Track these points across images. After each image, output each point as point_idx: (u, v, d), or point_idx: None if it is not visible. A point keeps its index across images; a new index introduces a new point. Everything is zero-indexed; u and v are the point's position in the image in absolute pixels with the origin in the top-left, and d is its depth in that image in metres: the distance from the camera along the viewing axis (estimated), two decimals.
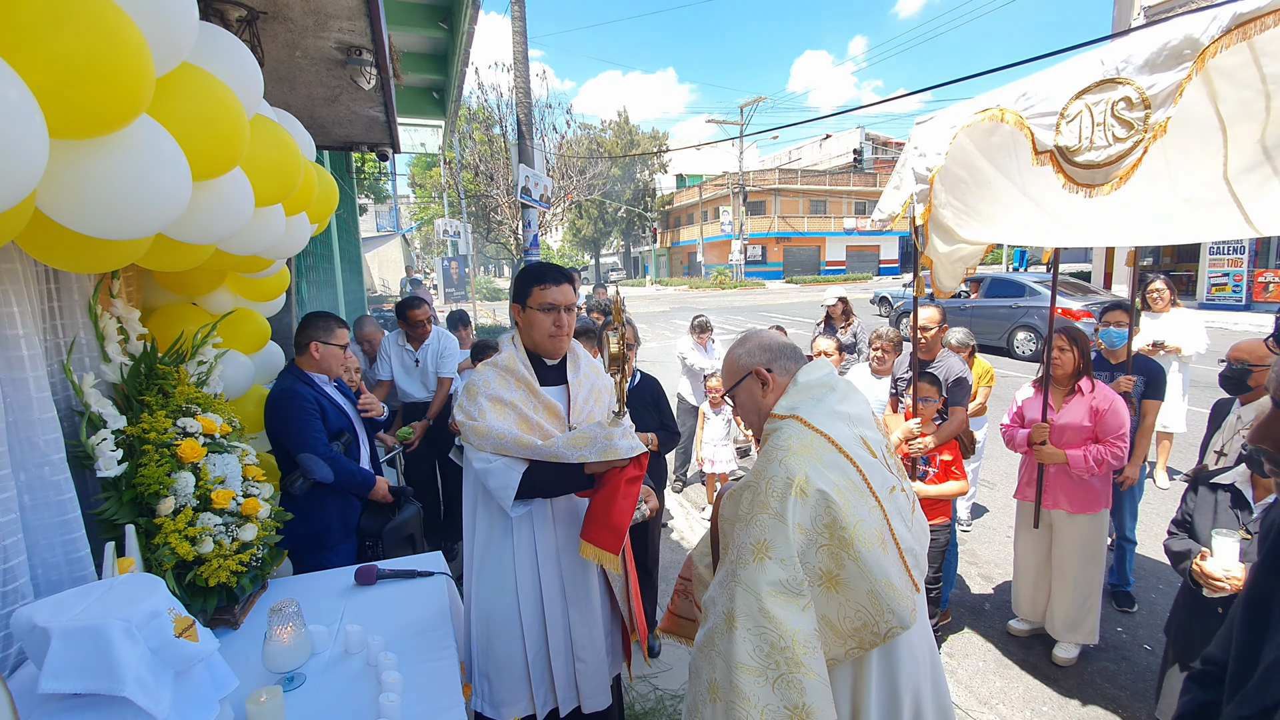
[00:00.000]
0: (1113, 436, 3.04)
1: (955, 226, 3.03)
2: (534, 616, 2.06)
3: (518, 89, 10.03)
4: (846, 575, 1.30)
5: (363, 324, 4.89)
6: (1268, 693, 0.84)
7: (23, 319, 1.53)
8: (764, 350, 1.62)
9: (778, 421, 1.48)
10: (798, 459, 1.35)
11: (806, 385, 1.54)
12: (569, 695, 2.11)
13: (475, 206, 20.28)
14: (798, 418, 1.45)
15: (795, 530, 1.29)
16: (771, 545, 1.29)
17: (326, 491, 2.64)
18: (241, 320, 2.69)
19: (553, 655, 2.07)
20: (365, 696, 1.67)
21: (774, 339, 1.65)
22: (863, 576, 1.30)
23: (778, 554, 1.28)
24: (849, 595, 1.30)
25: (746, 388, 1.62)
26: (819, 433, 1.41)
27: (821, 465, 1.35)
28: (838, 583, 1.30)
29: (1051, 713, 2.90)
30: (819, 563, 1.31)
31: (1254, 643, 0.93)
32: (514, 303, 2.11)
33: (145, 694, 1.30)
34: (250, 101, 1.69)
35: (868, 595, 1.30)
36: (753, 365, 1.60)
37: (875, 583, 1.29)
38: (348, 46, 3.12)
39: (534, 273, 2.04)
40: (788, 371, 1.60)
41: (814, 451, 1.37)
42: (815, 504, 1.31)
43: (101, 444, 1.76)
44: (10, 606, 1.52)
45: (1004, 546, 4.49)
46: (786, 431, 1.44)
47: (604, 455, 1.90)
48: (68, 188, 1.12)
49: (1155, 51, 1.96)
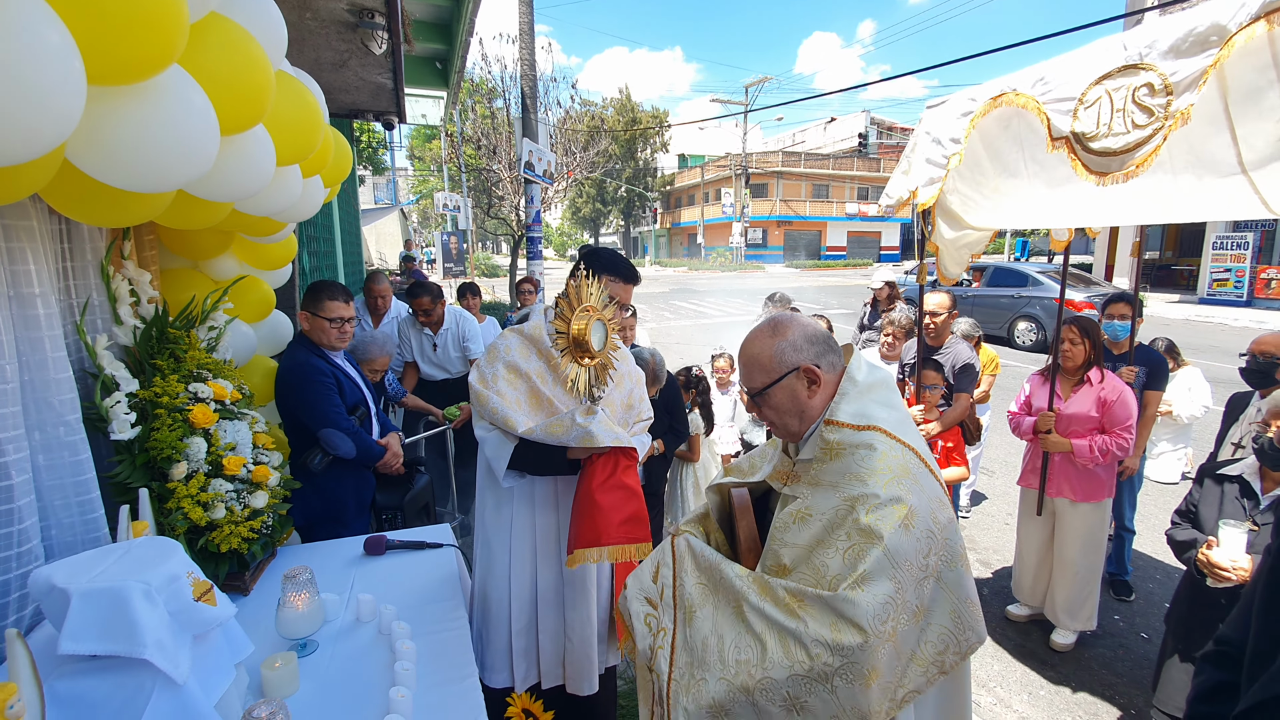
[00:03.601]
0: (1119, 427, 3.05)
1: (962, 212, 3.01)
2: (524, 591, 2.08)
3: (523, 60, 9.86)
4: (933, 602, 1.21)
5: (377, 279, 4.73)
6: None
7: (39, 277, 1.50)
8: (811, 343, 1.37)
9: (851, 433, 1.28)
10: (900, 484, 1.20)
11: (870, 385, 1.35)
12: (554, 671, 2.14)
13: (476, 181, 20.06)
14: (881, 430, 1.27)
15: (904, 565, 1.16)
16: (881, 575, 1.14)
17: (343, 467, 2.62)
18: (246, 288, 2.65)
19: (541, 632, 2.10)
20: (379, 664, 1.67)
21: (817, 328, 1.41)
22: (947, 599, 1.21)
23: (885, 594, 1.14)
24: (931, 619, 1.21)
25: (788, 387, 1.37)
26: (908, 447, 1.26)
27: (919, 489, 1.21)
28: (923, 612, 1.20)
29: (1049, 696, 2.94)
30: (916, 596, 1.17)
31: (1276, 623, 0.94)
32: (569, 279, 2.07)
33: (164, 656, 1.30)
34: (275, 55, 1.64)
35: (950, 616, 1.21)
36: (800, 362, 1.36)
37: (960, 603, 1.21)
38: (359, 9, 3.04)
39: (608, 260, 2.11)
40: (834, 367, 1.39)
41: (911, 474, 1.22)
42: (919, 539, 1.18)
43: (115, 406, 1.74)
44: (25, 567, 1.52)
45: (1002, 533, 4.54)
46: (879, 448, 1.25)
47: (582, 442, 1.90)
48: (97, 138, 1.09)
49: (1181, 37, 1.93)
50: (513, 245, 14.66)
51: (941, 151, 2.89)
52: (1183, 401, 4.90)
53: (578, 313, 1.89)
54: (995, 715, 2.84)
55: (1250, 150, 1.89)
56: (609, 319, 1.98)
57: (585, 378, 1.94)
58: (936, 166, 2.88)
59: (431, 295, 4.30)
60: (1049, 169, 2.46)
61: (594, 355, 1.91)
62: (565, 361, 1.89)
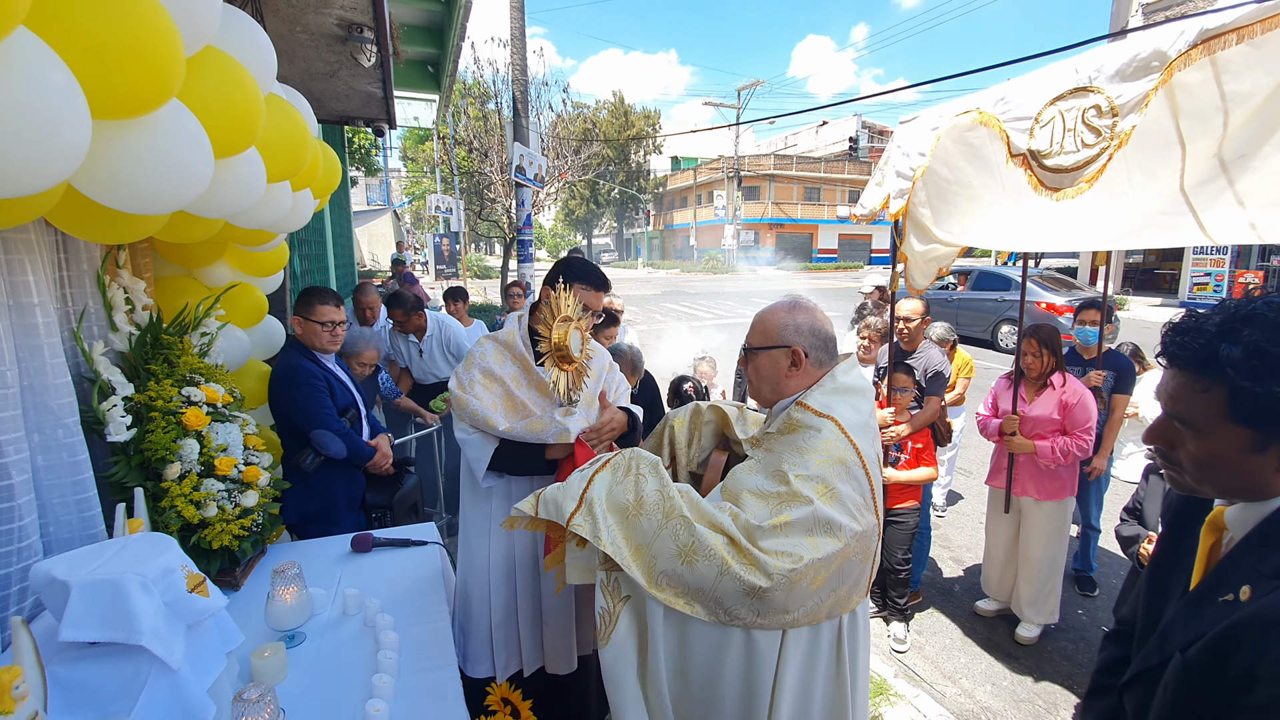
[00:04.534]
0: (1079, 430, 3.18)
1: (931, 226, 3.13)
2: (502, 583, 2.19)
3: (514, 66, 9.94)
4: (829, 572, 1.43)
5: (365, 290, 4.90)
6: (1165, 648, 0.97)
7: (38, 287, 1.58)
8: (812, 335, 1.57)
9: (811, 416, 1.48)
10: (832, 467, 1.41)
11: (847, 388, 1.53)
12: (534, 656, 2.26)
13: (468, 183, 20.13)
14: (836, 422, 1.46)
15: (824, 527, 1.38)
16: (802, 530, 1.37)
17: (334, 467, 2.71)
18: (239, 295, 2.74)
19: (520, 621, 2.21)
20: (364, 653, 1.76)
21: (824, 328, 1.60)
22: (842, 580, 1.44)
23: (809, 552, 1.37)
24: (828, 583, 1.43)
25: (774, 357, 1.58)
26: (854, 447, 1.44)
27: (848, 480, 1.41)
28: (826, 569, 1.41)
29: (1011, 687, 3.07)
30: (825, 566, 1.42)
31: (1155, 606, 1.06)
32: (546, 285, 2.21)
33: (160, 644, 1.39)
34: (265, 82, 1.75)
35: (847, 587, 1.45)
36: (794, 343, 1.56)
37: (851, 584, 1.46)
38: (349, 23, 3.14)
39: (579, 270, 2.20)
40: (820, 364, 1.58)
41: (845, 467, 1.42)
42: (838, 516, 1.39)
43: (111, 410, 1.83)
44: (24, 562, 1.60)
45: (976, 532, 4.67)
46: (825, 434, 1.44)
47: (560, 438, 2.02)
48: (101, 166, 1.19)
49: (1125, 62, 2.06)
50: (505, 247, 14.73)
51: (909, 164, 3.02)
52: (1149, 404, 5.05)
53: (557, 322, 2.02)
54: (959, 705, 2.96)
55: (1191, 170, 2.00)
56: (584, 328, 2.12)
57: (564, 382, 2.06)
58: (905, 179, 3.01)
59: (405, 307, 4.38)
60: (1007, 184, 2.59)
61: (573, 361, 2.04)
62: (549, 367, 2.02)
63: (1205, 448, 0.92)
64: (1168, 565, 1.09)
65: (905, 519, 3.40)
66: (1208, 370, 0.89)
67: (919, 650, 3.38)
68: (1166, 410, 0.97)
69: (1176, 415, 0.95)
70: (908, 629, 3.48)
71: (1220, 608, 0.90)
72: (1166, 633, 0.98)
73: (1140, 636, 1.08)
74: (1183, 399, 0.94)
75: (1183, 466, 0.97)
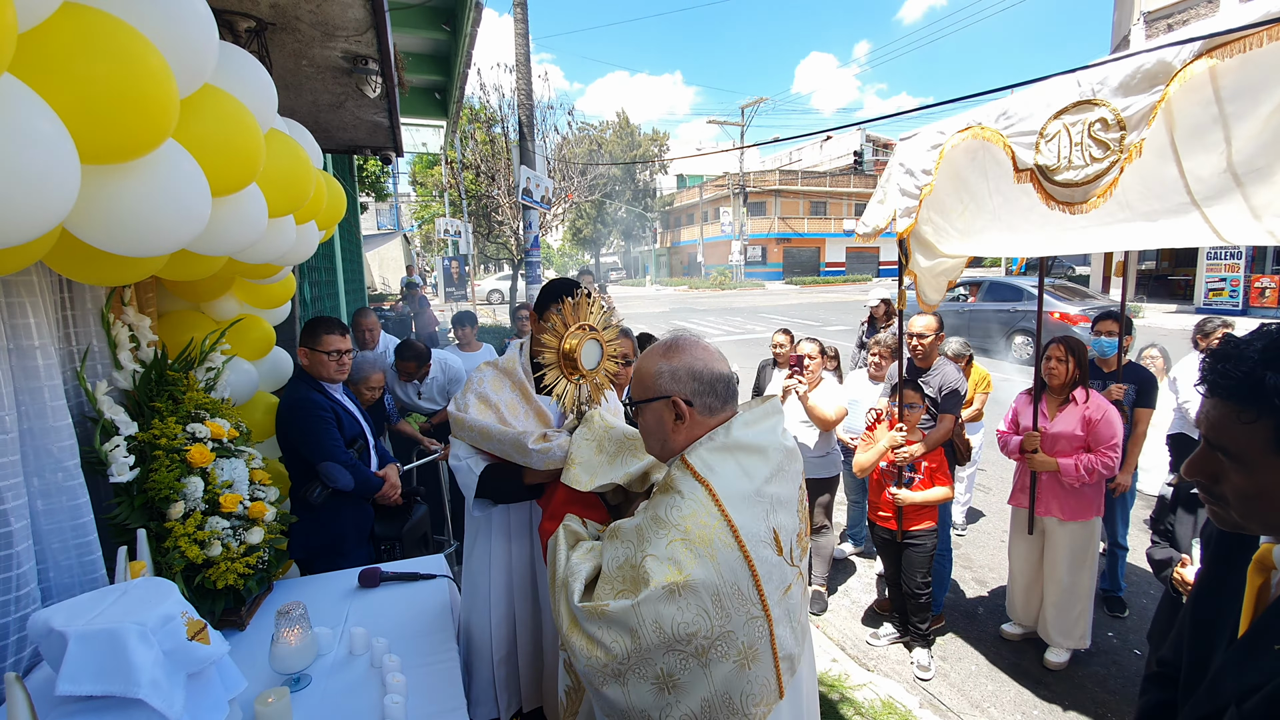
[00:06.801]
0: (1104, 446, 3.09)
1: (936, 242, 3.09)
2: (503, 622, 2.15)
3: (519, 90, 10.08)
4: (685, 681, 1.19)
5: (364, 314, 5.00)
6: (1216, 698, 0.90)
7: (39, 329, 1.57)
8: (693, 379, 1.33)
9: (688, 478, 1.25)
10: (688, 549, 1.17)
11: (742, 446, 1.29)
12: (534, 694, 2.21)
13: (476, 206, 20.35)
14: (709, 489, 1.22)
15: (652, 628, 1.16)
16: (622, 625, 1.17)
17: (342, 499, 2.68)
18: (247, 327, 2.73)
19: (520, 657, 2.17)
20: (370, 698, 1.71)
21: (707, 367, 1.35)
22: (704, 687, 1.19)
23: (622, 647, 1.18)
24: (680, 698, 1.19)
25: (655, 410, 1.35)
26: (727, 522, 1.20)
27: (711, 565, 1.17)
28: (676, 685, 1.19)
29: (1042, 716, 2.95)
30: (664, 664, 1.18)
31: (1201, 651, 0.99)
32: (534, 310, 2.13)
33: (159, 696, 1.35)
34: (265, 118, 1.74)
35: (700, 704, 1.19)
36: (672, 392, 1.33)
37: (716, 698, 1.19)
38: (354, 56, 3.16)
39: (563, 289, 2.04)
40: (711, 410, 1.34)
41: (710, 547, 1.17)
42: (685, 612, 1.15)
43: (114, 450, 1.80)
44: (23, 610, 1.57)
45: (999, 551, 4.55)
46: (692, 503, 1.21)
47: (547, 464, 1.90)
48: (94, 210, 1.17)
49: (1130, 74, 2.02)
50: (514, 268, 14.81)
51: (914, 182, 2.98)
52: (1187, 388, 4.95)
53: (572, 330, 1.90)
54: None
55: (1198, 183, 1.96)
56: (607, 340, 2.00)
57: (573, 394, 1.95)
58: (910, 197, 2.96)
59: (419, 360, 4.32)
60: (1015, 199, 2.54)
61: (583, 373, 1.93)
62: (552, 375, 1.89)
63: (1252, 482, 0.86)
64: (1213, 606, 1.02)
65: (923, 541, 3.31)
66: (1252, 400, 0.84)
67: (944, 677, 3.27)
68: (1209, 440, 0.92)
69: (1220, 446, 0.89)
70: (931, 655, 3.38)
71: (1276, 656, 0.84)
72: (1217, 682, 0.92)
73: (1186, 683, 1.01)
74: (1226, 430, 0.88)
75: (1227, 501, 0.91)
